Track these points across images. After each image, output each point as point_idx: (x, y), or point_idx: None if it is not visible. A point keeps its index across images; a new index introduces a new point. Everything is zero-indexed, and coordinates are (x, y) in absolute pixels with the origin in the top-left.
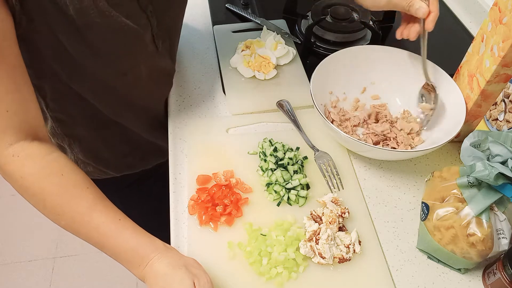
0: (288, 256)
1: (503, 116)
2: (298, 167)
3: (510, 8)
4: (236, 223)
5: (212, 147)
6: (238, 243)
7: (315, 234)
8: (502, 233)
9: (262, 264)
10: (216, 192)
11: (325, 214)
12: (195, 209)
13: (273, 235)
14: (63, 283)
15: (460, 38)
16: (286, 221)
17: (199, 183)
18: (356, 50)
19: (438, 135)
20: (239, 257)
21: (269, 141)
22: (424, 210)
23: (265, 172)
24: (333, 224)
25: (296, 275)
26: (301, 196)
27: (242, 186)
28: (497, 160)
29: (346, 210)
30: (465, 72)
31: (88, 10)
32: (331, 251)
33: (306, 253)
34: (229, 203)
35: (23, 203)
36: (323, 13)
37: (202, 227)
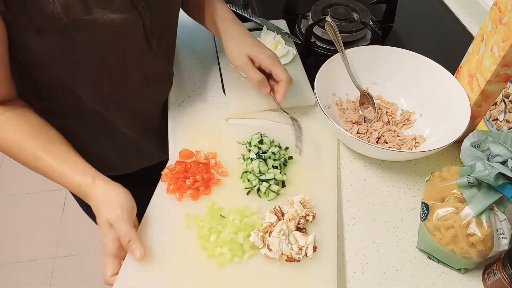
0: (236, 239)
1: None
2: (279, 163)
3: (510, 8)
4: (201, 199)
5: (207, 128)
6: (194, 216)
7: (271, 226)
8: (502, 233)
9: (209, 240)
10: (192, 168)
11: (289, 212)
12: (167, 177)
13: (230, 217)
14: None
15: (460, 38)
16: (248, 209)
17: (181, 156)
18: (357, 51)
19: (440, 136)
20: (191, 229)
21: (260, 134)
22: (424, 210)
23: (245, 160)
24: (291, 222)
25: (239, 260)
26: (272, 191)
27: (219, 168)
28: (497, 160)
29: (311, 214)
30: (465, 72)
31: (75, 6)
32: (280, 246)
33: (254, 241)
34: (200, 179)
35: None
36: (323, 13)
37: (167, 195)
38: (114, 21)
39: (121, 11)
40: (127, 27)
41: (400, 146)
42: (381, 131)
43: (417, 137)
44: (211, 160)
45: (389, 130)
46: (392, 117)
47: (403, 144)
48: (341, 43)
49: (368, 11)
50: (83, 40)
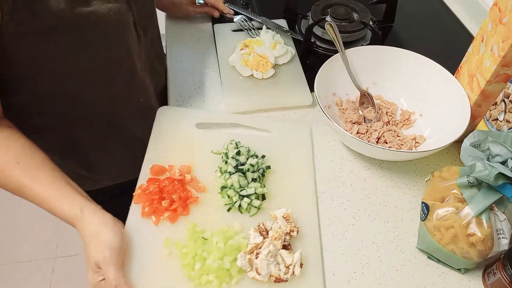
0: (222, 265)
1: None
2: (258, 175)
3: (510, 8)
4: (180, 221)
5: (177, 138)
6: (176, 242)
7: (257, 247)
8: (502, 233)
9: (194, 269)
10: (166, 186)
11: (273, 229)
12: (141, 198)
13: (213, 240)
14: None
15: (460, 38)
16: (231, 229)
17: (152, 173)
18: (357, 50)
19: (440, 136)
20: (174, 256)
21: (236, 143)
22: (424, 210)
23: (223, 174)
24: (278, 241)
25: (227, 286)
26: (254, 206)
27: (196, 184)
28: (497, 160)
29: (296, 229)
30: (465, 72)
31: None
32: (269, 269)
33: (242, 265)
34: (177, 199)
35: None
36: (323, 13)
37: (143, 219)
38: (112, 10)
39: (115, 1)
40: (123, 15)
41: (400, 146)
42: (381, 131)
43: (417, 137)
44: (186, 176)
45: (389, 130)
46: (392, 117)
47: (403, 144)
48: (341, 43)
49: (368, 11)
50: (90, 33)
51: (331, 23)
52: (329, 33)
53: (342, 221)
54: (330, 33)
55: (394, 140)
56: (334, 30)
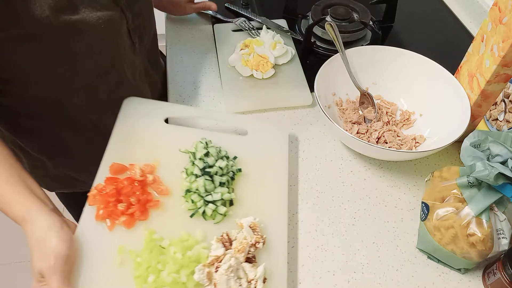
0: (178, 279)
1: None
2: (227, 179)
3: (510, 8)
4: (137, 226)
5: (143, 134)
6: (129, 251)
7: (218, 260)
8: (502, 233)
9: (147, 282)
10: (125, 187)
11: (238, 239)
12: (96, 200)
13: (171, 250)
14: None
15: (460, 38)
16: (192, 238)
17: (111, 172)
18: (357, 50)
19: (440, 136)
20: (127, 266)
21: (206, 142)
22: (424, 210)
23: (188, 176)
24: (241, 253)
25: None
26: (219, 213)
27: (158, 186)
28: (497, 160)
29: (262, 240)
30: (465, 72)
31: (63, 7)
32: (228, 284)
33: (199, 279)
34: (136, 202)
35: None
36: (323, 13)
37: (97, 222)
38: (101, 18)
39: (105, 9)
40: (113, 24)
41: (400, 146)
42: (381, 131)
43: (417, 137)
44: (148, 176)
45: (389, 130)
46: (392, 117)
47: (403, 144)
48: (341, 43)
49: (368, 11)
50: (74, 41)
51: (331, 23)
52: (329, 33)
53: (342, 221)
54: (330, 33)
55: (394, 140)
56: (334, 30)
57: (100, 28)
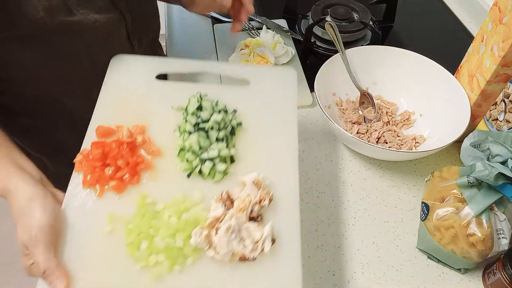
0: (173, 244)
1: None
2: (225, 134)
3: (510, 8)
4: (128, 191)
5: (133, 93)
6: (120, 217)
7: (217, 221)
8: (502, 233)
9: (140, 249)
10: (112, 150)
11: (240, 198)
12: (82, 166)
13: (165, 214)
14: None
15: (460, 38)
16: (189, 199)
17: (98, 136)
18: (358, 51)
19: (440, 136)
20: (117, 233)
21: (200, 96)
22: (424, 210)
23: (181, 134)
24: (243, 212)
25: (180, 268)
26: (218, 171)
27: (149, 148)
28: (497, 160)
29: (268, 196)
30: (465, 72)
31: (57, 9)
32: (230, 247)
33: (197, 243)
34: (124, 166)
35: None
36: (323, 13)
37: (84, 189)
38: (98, 21)
39: (104, 11)
40: (111, 26)
41: (400, 146)
42: (381, 131)
43: (417, 137)
44: (137, 137)
45: (389, 130)
46: (392, 117)
47: (403, 144)
48: (341, 43)
49: (368, 11)
50: (69, 43)
51: (331, 23)
52: (329, 33)
53: (342, 221)
54: (330, 33)
55: (394, 140)
56: (334, 30)
57: (97, 30)
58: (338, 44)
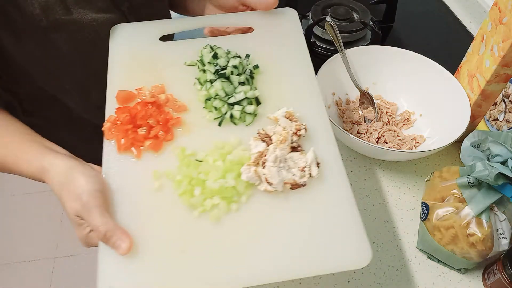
0: (225, 184)
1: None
2: (245, 78)
3: (510, 8)
4: (165, 148)
5: (139, 57)
6: (165, 172)
7: (262, 156)
8: (502, 233)
9: (194, 195)
10: (139, 112)
11: (276, 132)
12: (113, 133)
13: (210, 160)
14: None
15: (460, 38)
16: (228, 143)
17: (119, 101)
18: (357, 50)
19: (440, 136)
20: (166, 188)
21: (211, 47)
22: (424, 210)
23: (203, 85)
24: (284, 143)
25: (237, 206)
26: (248, 113)
27: (174, 104)
28: (497, 160)
29: (303, 127)
30: (465, 72)
31: (54, 6)
32: (281, 175)
33: (249, 179)
34: (156, 124)
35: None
36: (323, 13)
37: (121, 155)
38: (96, 21)
39: (104, 12)
40: (111, 27)
41: (400, 146)
42: (381, 131)
43: (417, 137)
44: (160, 97)
45: (389, 130)
46: (392, 117)
47: (403, 144)
48: (341, 43)
49: (368, 11)
50: (65, 41)
51: (331, 23)
52: (329, 33)
53: None
54: (330, 33)
55: (394, 140)
56: (334, 30)
57: (94, 30)
58: (338, 44)
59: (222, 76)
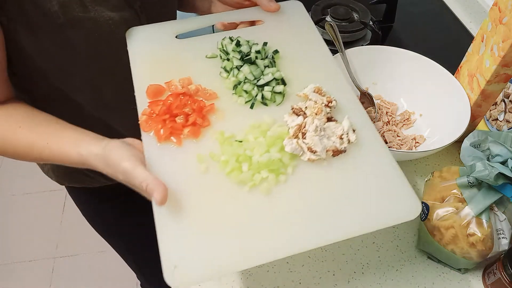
0: (272, 157)
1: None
2: (269, 61)
3: (510, 8)
4: (203, 134)
5: (161, 55)
6: (209, 154)
7: (300, 128)
8: (502, 233)
9: (243, 171)
10: (173, 102)
11: (309, 106)
12: (150, 125)
13: (250, 138)
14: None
15: (460, 38)
16: (263, 123)
17: (150, 96)
18: (357, 50)
19: (440, 136)
20: (213, 169)
21: (229, 38)
22: (424, 210)
23: (229, 72)
24: (320, 114)
25: (285, 178)
26: (277, 92)
27: (204, 93)
28: (497, 160)
29: (333, 99)
30: (465, 72)
31: (72, 4)
32: (323, 144)
33: (293, 150)
34: (191, 111)
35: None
36: (323, 13)
37: (161, 145)
38: (112, 19)
39: (117, 10)
40: (125, 25)
41: (400, 146)
42: (381, 131)
43: (417, 137)
44: (189, 87)
45: (389, 130)
46: (392, 117)
47: (403, 144)
48: (341, 43)
49: (368, 11)
50: (81, 38)
51: (331, 23)
52: (329, 33)
53: None
54: (330, 33)
55: (394, 140)
56: (334, 30)
57: (109, 29)
58: (338, 44)
59: (248, 61)
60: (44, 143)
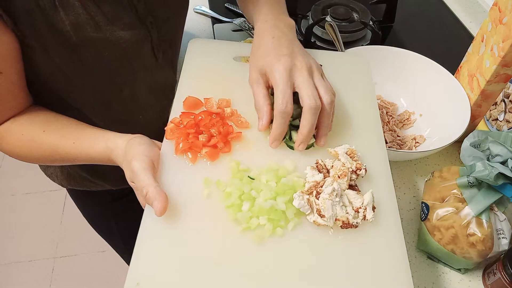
0: (276, 206)
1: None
2: None
3: (510, 8)
4: (220, 159)
5: (212, 71)
6: (216, 181)
7: (317, 186)
8: (502, 233)
9: (241, 210)
10: (203, 119)
11: (335, 167)
12: (174, 134)
13: (263, 178)
14: (63, 283)
15: (460, 38)
16: (282, 167)
17: (186, 107)
18: (358, 51)
19: (440, 136)
20: (214, 197)
21: None
22: (424, 210)
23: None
24: (343, 179)
25: (282, 232)
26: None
27: (237, 119)
28: (497, 160)
29: (363, 167)
30: (465, 72)
31: (85, 24)
32: (334, 210)
33: (300, 206)
34: (217, 133)
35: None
36: (323, 13)
37: (177, 156)
38: (123, 38)
39: (129, 28)
40: (136, 43)
41: (400, 146)
42: None
43: (417, 137)
44: (225, 109)
45: (389, 130)
46: (392, 117)
47: (403, 144)
48: (341, 43)
49: (368, 11)
50: (93, 57)
51: (331, 23)
52: (329, 33)
53: None
54: (330, 33)
55: (394, 140)
56: (334, 30)
57: (120, 48)
58: (338, 44)
59: None
60: (70, 142)
